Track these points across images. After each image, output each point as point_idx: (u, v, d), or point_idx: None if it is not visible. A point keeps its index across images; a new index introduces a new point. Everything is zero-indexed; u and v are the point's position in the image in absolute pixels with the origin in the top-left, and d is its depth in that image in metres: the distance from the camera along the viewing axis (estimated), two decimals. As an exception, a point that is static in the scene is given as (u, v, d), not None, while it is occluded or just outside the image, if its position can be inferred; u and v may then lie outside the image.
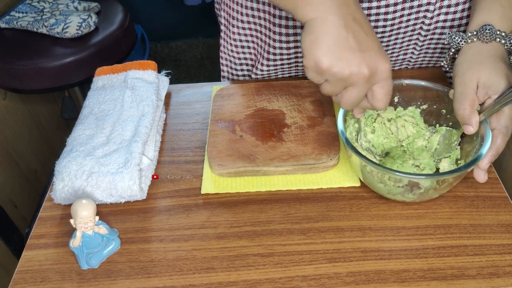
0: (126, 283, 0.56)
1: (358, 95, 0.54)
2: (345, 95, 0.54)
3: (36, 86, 1.40)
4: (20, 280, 0.58)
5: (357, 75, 0.51)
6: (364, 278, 0.55)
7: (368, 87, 0.54)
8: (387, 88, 0.54)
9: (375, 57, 0.52)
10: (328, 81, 0.53)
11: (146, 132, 0.68)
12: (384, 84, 0.54)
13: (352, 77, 0.51)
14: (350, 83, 0.52)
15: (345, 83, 0.52)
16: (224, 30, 0.87)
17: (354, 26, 0.51)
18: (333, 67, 0.51)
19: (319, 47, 0.50)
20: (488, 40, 0.60)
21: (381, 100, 0.55)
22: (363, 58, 0.51)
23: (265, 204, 0.64)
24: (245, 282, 0.55)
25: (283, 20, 0.76)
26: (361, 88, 0.53)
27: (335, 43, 0.50)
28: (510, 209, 0.61)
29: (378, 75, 0.52)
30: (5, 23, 1.46)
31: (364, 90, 0.53)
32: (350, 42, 0.50)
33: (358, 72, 0.51)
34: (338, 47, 0.50)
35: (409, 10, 0.72)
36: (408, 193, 0.58)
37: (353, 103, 0.55)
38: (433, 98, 0.66)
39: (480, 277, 0.54)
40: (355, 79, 0.51)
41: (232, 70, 0.91)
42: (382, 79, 0.53)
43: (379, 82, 0.53)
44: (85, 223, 0.56)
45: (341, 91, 0.54)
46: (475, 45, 0.61)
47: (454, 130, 0.63)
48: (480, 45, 0.61)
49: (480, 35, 0.61)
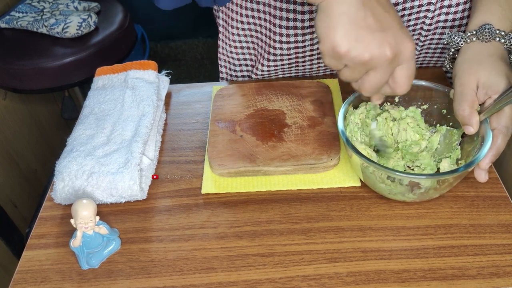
0: (127, 283, 0.56)
1: (380, 79, 0.50)
2: (366, 80, 0.50)
3: (36, 86, 1.40)
4: (20, 280, 0.58)
5: (379, 57, 0.47)
6: (364, 278, 0.55)
7: (391, 70, 0.50)
8: (410, 70, 0.50)
9: (398, 36, 0.48)
10: (347, 66, 0.49)
11: (146, 132, 0.68)
12: (407, 66, 0.50)
13: (373, 60, 0.47)
14: (371, 66, 0.48)
15: (366, 67, 0.48)
16: (223, 32, 0.87)
17: (372, 4, 0.47)
18: (352, 51, 0.47)
19: (336, 30, 0.46)
20: (487, 39, 0.60)
21: (404, 84, 0.51)
22: (385, 38, 0.47)
23: (266, 204, 0.64)
24: (245, 282, 0.55)
25: (284, 21, 0.76)
26: (384, 71, 0.49)
27: (352, 25, 0.46)
28: (510, 209, 0.61)
29: (402, 56, 0.48)
30: (5, 23, 1.46)
31: (387, 74, 0.49)
32: (369, 21, 0.46)
33: (379, 54, 0.47)
34: (356, 29, 0.46)
35: (410, 10, 0.72)
36: (408, 193, 0.58)
37: (375, 88, 0.51)
38: (434, 98, 0.66)
39: (481, 277, 0.54)
40: (376, 62, 0.47)
41: (231, 72, 0.91)
42: (405, 61, 0.49)
43: (402, 63, 0.49)
44: (86, 223, 0.56)
45: (362, 76, 0.50)
46: (475, 44, 0.61)
47: (454, 130, 0.63)
48: (479, 44, 0.61)
49: (479, 34, 0.60)
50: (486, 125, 0.58)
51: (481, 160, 0.55)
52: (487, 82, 0.57)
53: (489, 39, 0.60)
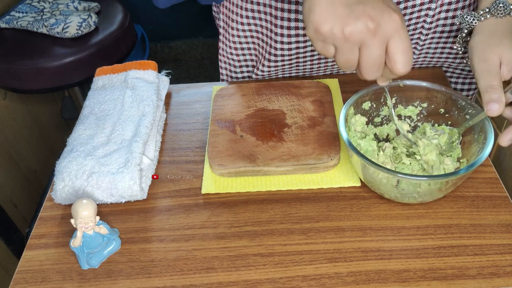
0: (127, 283, 0.56)
1: (373, 55, 0.48)
2: (361, 60, 0.49)
3: (36, 86, 1.40)
4: (20, 280, 0.58)
5: (361, 29, 0.46)
6: (364, 278, 0.55)
7: (381, 43, 0.48)
8: (404, 43, 0.48)
9: (379, 7, 0.47)
10: (336, 49, 0.49)
11: (146, 132, 0.68)
12: (398, 39, 0.47)
13: (356, 33, 0.46)
14: (356, 41, 0.47)
15: (352, 43, 0.47)
16: (223, 33, 0.87)
17: None
18: (333, 28, 0.46)
19: (316, 11, 0.47)
20: (502, 14, 0.59)
21: (400, 61, 0.48)
22: (363, 10, 0.46)
23: (266, 204, 0.64)
24: (246, 282, 0.55)
25: (285, 21, 0.76)
26: (373, 44, 0.47)
27: (330, 3, 0.47)
28: (510, 209, 0.61)
29: (388, 26, 0.47)
30: (5, 23, 1.46)
31: (378, 47, 0.48)
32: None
33: (360, 26, 0.46)
34: (334, 6, 0.46)
35: (411, 9, 0.72)
36: (413, 194, 0.58)
37: (372, 68, 0.49)
38: (432, 98, 0.66)
39: (481, 277, 0.54)
40: (360, 35, 0.46)
41: (231, 73, 0.91)
42: (394, 32, 0.47)
43: (392, 35, 0.47)
44: (86, 223, 0.56)
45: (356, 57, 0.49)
46: (489, 22, 0.60)
47: (455, 129, 0.63)
48: (494, 21, 0.60)
49: (493, 11, 0.59)
50: (486, 122, 0.58)
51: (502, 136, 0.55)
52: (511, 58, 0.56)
53: (504, 14, 0.59)
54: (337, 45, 0.48)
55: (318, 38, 0.48)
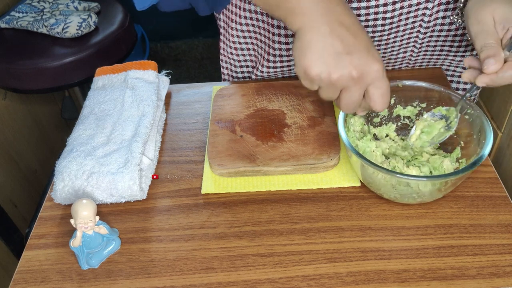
0: (126, 283, 0.56)
1: (353, 98, 0.54)
2: (341, 99, 0.55)
3: (36, 86, 1.40)
4: (20, 280, 0.58)
5: (345, 78, 0.51)
6: (364, 278, 0.55)
7: (361, 89, 0.54)
8: (382, 89, 0.54)
9: (364, 58, 0.51)
10: (321, 87, 0.54)
11: (146, 132, 0.68)
12: (378, 85, 0.53)
13: (341, 81, 0.52)
14: (340, 86, 0.53)
15: (336, 87, 0.53)
16: (224, 34, 0.87)
17: (340, 31, 0.51)
18: (321, 74, 0.52)
19: (306, 56, 0.52)
20: None
21: (378, 102, 0.55)
22: (350, 60, 0.51)
23: (265, 204, 0.64)
24: (245, 282, 0.55)
25: (282, 22, 0.76)
26: (354, 90, 0.53)
27: (321, 50, 0.51)
28: (510, 209, 0.61)
29: (369, 76, 0.52)
30: (5, 23, 1.46)
31: (358, 92, 0.54)
32: (336, 47, 0.51)
33: (345, 75, 0.51)
34: (324, 54, 0.51)
35: (408, 8, 0.72)
36: (413, 194, 0.58)
37: (350, 106, 0.56)
38: (430, 98, 0.66)
39: (480, 277, 0.54)
40: (344, 82, 0.52)
41: (232, 73, 0.92)
42: (375, 80, 0.53)
43: (373, 83, 0.53)
44: (86, 223, 0.56)
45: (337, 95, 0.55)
46: None
47: (452, 108, 0.62)
48: None
49: None
50: (484, 121, 0.58)
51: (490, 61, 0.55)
52: (503, 15, 0.56)
53: None
54: (322, 86, 0.54)
55: (306, 78, 0.53)
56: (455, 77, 0.86)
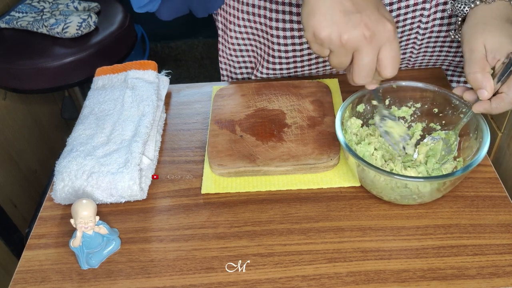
0: (126, 283, 0.56)
1: (366, 61, 0.51)
2: (354, 65, 0.52)
3: (36, 86, 1.40)
4: (20, 280, 0.58)
5: (356, 37, 0.49)
6: (364, 278, 0.55)
7: (375, 50, 0.51)
8: (394, 51, 0.51)
9: (375, 17, 0.50)
10: (331, 52, 0.52)
11: (146, 132, 0.68)
12: (390, 46, 0.51)
13: (352, 41, 0.49)
14: (352, 47, 0.50)
15: (347, 49, 0.50)
16: (222, 35, 0.87)
17: None
18: (331, 34, 0.49)
19: (315, 17, 0.50)
20: (491, 0, 0.59)
21: (389, 65, 0.52)
22: (360, 18, 0.49)
23: (265, 204, 0.64)
24: (245, 282, 0.55)
25: (280, 23, 0.76)
26: (367, 51, 0.50)
27: (330, 10, 0.49)
28: (510, 209, 0.61)
29: (381, 36, 0.50)
30: (5, 23, 1.46)
31: (371, 54, 0.51)
32: (345, 5, 0.49)
33: (356, 34, 0.49)
34: (333, 13, 0.49)
35: (405, 9, 0.72)
36: (412, 195, 0.58)
37: (365, 71, 0.52)
38: (425, 98, 0.66)
39: (480, 277, 0.54)
40: (356, 42, 0.50)
41: (231, 74, 0.92)
42: (386, 40, 0.50)
43: (385, 44, 0.51)
44: (85, 223, 0.56)
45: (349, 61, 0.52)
46: (480, 8, 0.60)
47: (450, 132, 0.63)
48: (484, 7, 0.60)
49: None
50: (481, 121, 0.58)
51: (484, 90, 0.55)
52: (494, 45, 0.56)
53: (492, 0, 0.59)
54: (333, 49, 0.51)
55: (316, 41, 0.51)
56: (455, 77, 0.86)
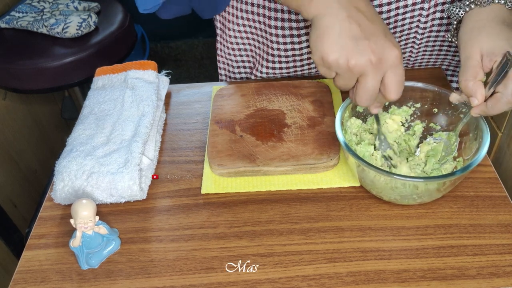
0: (126, 283, 0.56)
1: (371, 85, 0.52)
2: (359, 88, 0.53)
3: (36, 86, 1.40)
4: (20, 280, 0.58)
5: (363, 63, 0.50)
6: (364, 278, 0.55)
7: (379, 76, 0.52)
8: (398, 76, 0.53)
9: (382, 43, 0.51)
10: (338, 74, 0.53)
11: (146, 132, 0.68)
12: (395, 72, 0.52)
13: (359, 66, 0.51)
14: (358, 72, 0.51)
15: (354, 73, 0.52)
16: (221, 34, 0.87)
17: (357, 16, 0.51)
18: (339, 59, 0.51)
19: (324, 41, 0.51)
20: (486, 3, 0.59)
21: (393, 89, 0.53)
22: (368, 45, 0.50)
23: (265, 204, 0.64)
24: (245, 282, 0.55)
25: (279, 22, 0.76)
26: (372, 76, 0.52)
27: (338, 35, 0.50)
28: (510, 209, 0.61)
29: (387, 61, 0.51)
30: (5, 23, 1.46)
31: (376, 79, 0.52)
32: (354, 31, 0.50)
33: (363, 59, 0.50)
34: (342, 38, 0.50)
35: (404, 9, 0.72)
36: (412, 195, 0.58)
37: (368, 94, 0.53)
38: (425, 98, 0.66)
39: (480, 277, 0.54)
40: (362, 67, 0.51)
41: (230, 74, 0.91)
42: (392, 66, 0.52)
43: (390, 69, 0.52)
44: (85, 223, 0.56)
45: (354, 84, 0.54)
46: (474, 12, 0.60)
47: (451, 133, 0.63)
48: (478, 11, 0.60)
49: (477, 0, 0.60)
50: (481, 121, 0.58)
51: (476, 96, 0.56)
52: (490, 49, 0.56)
53: (487, 3, 0.59)
54: (340, 73, 0.53)
55: (323, 64, 0.53)
56: (455, 77, 0.86)
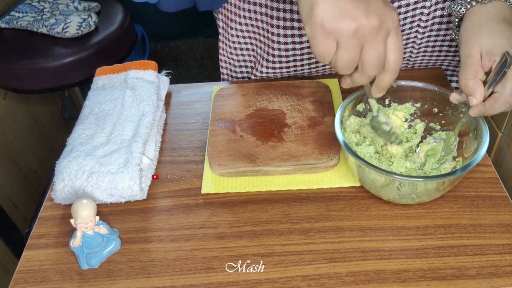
0: (126, 283, 0.56)
1: (376, 52, 0.48)
2: (364, 58, 0.49)
3: (36, 86, 1.40)
4: (20, 280, 0.58)
5: (367, 26, 0.46)
6: (364, 278, 0.55)
7: (384, 40, 0.48)
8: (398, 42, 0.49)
9: (380, 6, 0.47)
10: (340, 46, 0.48)
11: (146, 132, 0.68)
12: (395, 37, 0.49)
13: (362, 30, 0.46)
14: (362, 38, 0.47)
15: (357, 40, 0.47)
16: (223, 33, 0.87)
17: None
18: (339, 23, 0.46)
19: (319, 7, 0.46)
20: (487, 0, 0.59)
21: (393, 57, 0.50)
22: (368, 7, 0.46)
23: (265, 204, 0.64)
24: (245, 282, 0.55)
25: (281, 21, 0.76)
26: (376, 42, 0.48)
27: None
28: (510, 209, 0.61)
29: (389, 24, 0.48)
30: (5, 23, 1.46)
31: (382, 44, 0.48)
32: None
33: (366, 22, 0.46)
34: (338, 2, 0.46)
35: (406, 7, 0.72)
36: (411, 195, 0.58)
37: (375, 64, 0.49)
38: (425, 98, 0.66)
39: (480, 277, 0.54)
40: (366, 32, 0.46)
41: (231, 73, 0.92)
42: (394, 29, 0.48)
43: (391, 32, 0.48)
44: (86, 223, 0.56)
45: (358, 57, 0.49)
46: (476, 9, 0.60)
47: (450, 132, 0.63)
48: (480, 8, 0.59)
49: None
50: (480, 121, 0.58)
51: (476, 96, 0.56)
52: (489, 48, 0.56)
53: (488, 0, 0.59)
54: (342, 41, 0.47)
55: (322, 34, 0.47)
56: (454, 76, 0.86)
